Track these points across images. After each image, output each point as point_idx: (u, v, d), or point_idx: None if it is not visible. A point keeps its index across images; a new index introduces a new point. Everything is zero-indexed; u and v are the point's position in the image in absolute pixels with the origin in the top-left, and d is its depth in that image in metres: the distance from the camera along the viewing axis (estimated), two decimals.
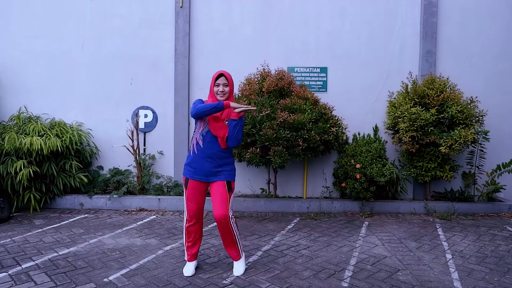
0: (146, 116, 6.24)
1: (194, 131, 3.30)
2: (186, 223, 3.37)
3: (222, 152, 3.26)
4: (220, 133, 3.21)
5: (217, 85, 3.22)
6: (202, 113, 3.09)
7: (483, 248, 4.15)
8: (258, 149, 5.06)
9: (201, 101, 3.24)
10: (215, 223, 4.96)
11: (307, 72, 6.16)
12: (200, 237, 3.45)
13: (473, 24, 6.07)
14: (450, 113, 5.25)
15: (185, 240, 3.43)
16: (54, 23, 6.23)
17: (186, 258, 3.47)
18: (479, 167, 5.92)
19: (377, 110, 6.13)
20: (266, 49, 6.14)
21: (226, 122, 3.22)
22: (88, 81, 6.25)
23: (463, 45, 6.08)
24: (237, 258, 3.42)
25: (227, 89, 3.22)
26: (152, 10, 6.20)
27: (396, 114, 5.47)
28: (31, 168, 5.16)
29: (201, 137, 3.24)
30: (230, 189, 3.29)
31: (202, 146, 3.23)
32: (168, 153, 6.26)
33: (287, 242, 4.27)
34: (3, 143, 5.25)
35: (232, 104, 3.12)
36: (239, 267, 3.41)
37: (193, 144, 3.29)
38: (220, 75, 3.21)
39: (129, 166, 6.23)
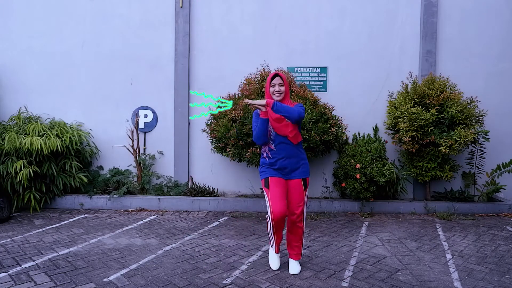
0: (146, 116, 6.24)
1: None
2: (274, 225, 3.20)
3: (296, 149, 3.30)
4: (286, 131, 3.23)
5: (272, 85, 3.26)
6: (262, 137, 3.19)
7: (483, 248, 4.15)
8: (259, 149, 5.06)
9: (256, 114, 3.29)
10: (216, 223, 4.98)
11: (307, 72, 6.16)
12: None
13: (473, 24, 6.07)
14: (450, 113, 5.25)
15: (273, 236, 3.34)
16: (54, 23, 6.23)
17: (274, 251, 3.47)
18: (479, 167, 5.92)
19: (377, 110, 6.13)
20: (266, 49, 6.14)
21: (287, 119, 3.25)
22: (88, 81, 6.25)
23: (463, 45, 6.08)
24: (299, 256, 3.45)
25: (282, 88, 3.25)
26: (152, 10, 6.20)
27: (396, 114, 5.47)
28: (31, 168, 5.16)
29: (271, 142, 3.28)
30: (306, 186, 3.34)
31: (275, 150, 3.26)
32: (168, 153, 6.26)
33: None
34: (3, 143, 5.25)
35: (258, 101, 3.16)
36: (297, 266, 3.43)
37: (265, 151, 3.32)
38: (275, 75, 3.25)
39: (129, 166, 6.23)
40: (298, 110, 3.12)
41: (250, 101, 3.14)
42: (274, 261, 3.49)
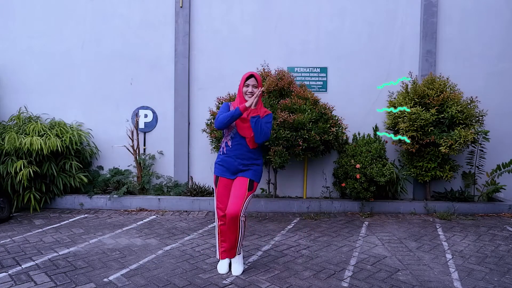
0: (146, 116, 6.24)
1: (224, 133, 3.38)
2: (218, 222, 3.40)
3: (250, 152, 3.31)
4: (247, 133, 3.27)
5: (246, 86, 3.26)
6: (223, 125, 3.18)
7: (483, 248, 4.15)
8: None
9: (227, 105, 3.32)
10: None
11: (307, 72, 6.16)
12: None
13: (473, 24, 6.07)
14: (450, 113, 5.25)
15: (218, 238, 3.45)
16: (54, 23, 6.23)
17: (218, 257, 3.50)
18: (479, 167, 5.92)
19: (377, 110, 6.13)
20: (266, 49, 6.14)
21: None
22: (88, 81, 6.25)
23: (463, 45, 6.08)
24: (232, 255, 3.41)
25: (256, 90, 3.25)
26: (152, 10, 6.19)
27: (396, 114, 5.47)
28: (31, 168, 5.16)
29: (230, 138, 3.31)
30: (251, 188, 3.31)
31: (231, 147, 3.30)
32: (168, 153, 6.26)
33: (287, 242, 4.26)
34: (3, 143, 5.25)
35: (247, 103, 3.15)
36: (236, 266, 3.40)
37: (222, 145, 3.36)
38: (250, 76, 3.25)
39: (129, 166, 6.23)
40: (266, 134, 3.20)
41: (251, 101, 3.15)
42: (220, 266, 3.44)
